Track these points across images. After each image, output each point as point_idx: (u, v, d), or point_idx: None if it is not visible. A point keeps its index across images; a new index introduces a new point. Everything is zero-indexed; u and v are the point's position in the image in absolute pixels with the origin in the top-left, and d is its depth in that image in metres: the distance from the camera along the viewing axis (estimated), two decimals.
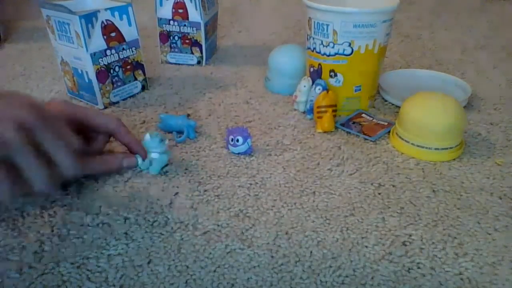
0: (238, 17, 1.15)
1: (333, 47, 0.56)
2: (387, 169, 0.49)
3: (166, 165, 0.49)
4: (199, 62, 0.80)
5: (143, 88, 0.69)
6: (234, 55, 0.86)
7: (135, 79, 0.67)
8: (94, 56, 0.59)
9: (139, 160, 0.47)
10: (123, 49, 0.63)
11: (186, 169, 0.49)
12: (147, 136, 0.47)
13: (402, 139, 0.52)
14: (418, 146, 0.51)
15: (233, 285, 0.35)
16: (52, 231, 0.40)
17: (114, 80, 0.63)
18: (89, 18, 0.57)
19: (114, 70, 0.63)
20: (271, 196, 0.45)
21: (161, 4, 0.75)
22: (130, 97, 0.67)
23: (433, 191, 0.46)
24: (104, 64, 0.61)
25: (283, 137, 0.56)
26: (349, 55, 0.56)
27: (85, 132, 0.46)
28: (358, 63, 0.57)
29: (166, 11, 0.76)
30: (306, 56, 0.62)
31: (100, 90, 0.62)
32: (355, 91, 0.59)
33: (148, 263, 0.37)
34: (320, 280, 0.35)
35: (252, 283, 0.35)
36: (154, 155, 0.47)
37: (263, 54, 0.86)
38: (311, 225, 0.41)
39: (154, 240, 0.39)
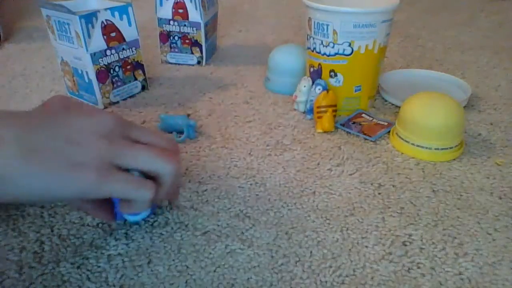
0: (238, 17, 1.15)
1: (333, 47, 0.56)
2: (387, 169, 0.49)
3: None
4: (199, 62, 0.80)
5: (143, 88, 0.69)
6: (234, 55, 0.86)
7: (135, 79, 0.67)
8: (94, 56, 0.59)
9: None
10: (123, 49, 0.63)
11: (186, 169, 0.49)
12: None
13: (402, 139, 0.52)
14: (418, 146, 0.51)
15: (233, 285, 0.35)
16: (52, 231, 0.40)
17: (114, 80, 0.63)
18: (89, 18, 0.57)
19: (114, 70, 0.63)
20: (271, 196, 0.45)
21: (161, 4, 0.75)
22: (130, 97, 0.67)
23: (433, 191, 0.46)
24: (104, 64, 0.61)
25: (283, 137, 0.56)
26: (349, 55, 0.56)
27: None
28: (358, 63, 0.57)
29: (166, 11, 0.76)
30: (306, 56, 0.62)
31: (100, 90, 0.62)
32: (355, 91, 0.59)
33: (148, 263, 0.37)
34: (320, 280, 0.35)
35: (252, 283, 0.35)
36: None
37: (263, 54, 0.86)
38: (311, 225, 0.41)
39: (154, 240, 0.39)
